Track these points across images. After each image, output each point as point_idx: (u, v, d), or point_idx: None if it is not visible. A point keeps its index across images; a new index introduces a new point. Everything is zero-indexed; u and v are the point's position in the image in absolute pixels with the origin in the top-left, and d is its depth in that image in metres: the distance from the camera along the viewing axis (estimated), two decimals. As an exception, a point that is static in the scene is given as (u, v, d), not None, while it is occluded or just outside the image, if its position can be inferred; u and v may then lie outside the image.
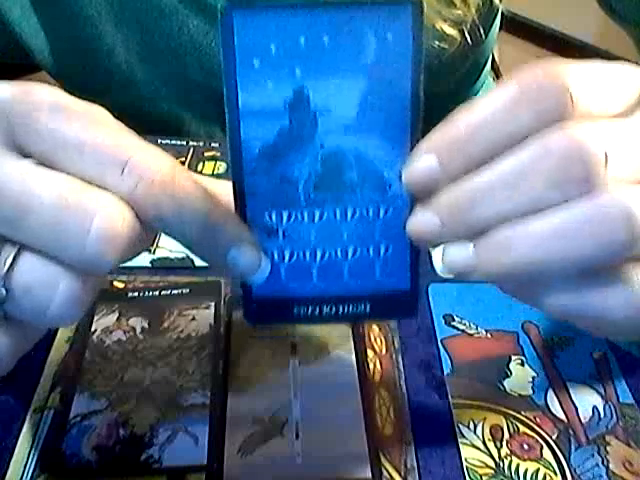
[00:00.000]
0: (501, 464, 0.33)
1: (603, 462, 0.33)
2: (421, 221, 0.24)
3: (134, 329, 0.40)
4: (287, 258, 0.26)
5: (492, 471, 0.33)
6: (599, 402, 0.36)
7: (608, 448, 0.34)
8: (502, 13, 0.62)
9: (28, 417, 0.35)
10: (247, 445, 0.34)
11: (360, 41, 0.23)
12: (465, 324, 0.40)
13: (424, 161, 0.23)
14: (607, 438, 0.34)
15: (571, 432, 0.35)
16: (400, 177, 0.24)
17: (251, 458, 0.33)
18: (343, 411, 0.35)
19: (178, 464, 0.33)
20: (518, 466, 0.33)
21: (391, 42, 0.23)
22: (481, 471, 0.33)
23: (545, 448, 0.34)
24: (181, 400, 0.36)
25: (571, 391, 0.37)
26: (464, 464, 0.33)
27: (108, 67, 0.57)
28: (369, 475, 0.32)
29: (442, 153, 0.23)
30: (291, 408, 0.35)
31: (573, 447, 0.34)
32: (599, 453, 0.34)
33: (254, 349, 0.38)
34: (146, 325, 0.40)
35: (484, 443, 0.34)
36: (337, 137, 0.24)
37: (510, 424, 0.35)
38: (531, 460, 0.33)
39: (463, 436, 0.34)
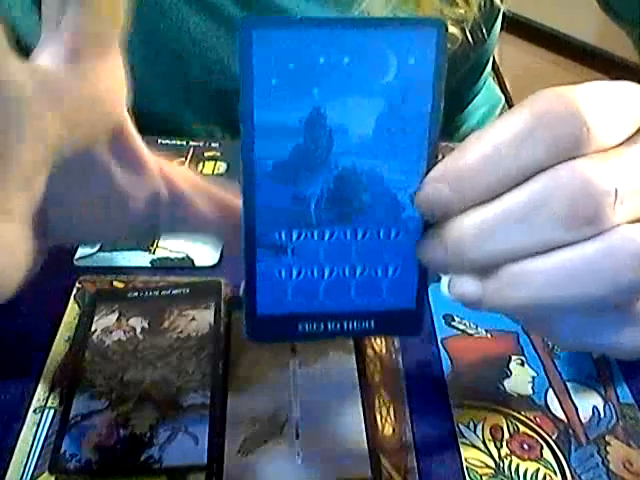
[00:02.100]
0: (501, 464, 0.33)
1: (603, 462, 0.33)
2: (429, 249, 0.24)
3: (134, 329, 0.40)
4: (295, 275, 0.26)
5: (492, 471, 0.33)
6: (599, 402, 0.36)
7: (608, 448, 0.34)
8: (503, 13, 0.62)
9: (28, 417, 0.35)
10: (247, 445, 0.34)
11: (381, 63, 0.23)
12: (465, 324, 0.40)
13: (434, 189, 0.23)
14: (607, 438, 0.34)
15: (571, 432, 0.35)
16: (413, 200, 0.24)
17: (251, 458, 0.33)
18: (343, 411, 0.35)
19: (178, 464, 0.33)
20: (518, 466, 0.33)
21: (413, 66, 0.23)
22: (481, 471, 0.33)
23: (545, 448, 0.34)
24: (181, 400, 0.36)
25: (571, 391, 0.37)
26: (464, 464, 0.33)
27: None
28: (369, 475, 0.32)
29: (452, 182, 0.22)
30: (291, 408, 0.35)
31: (573, 447, 0.34)
32: (599, 453, 0.34)
33: (254, 349, 0.38)
34: (146, 325, 0.40)
35: (484, 443, 0.34)
36: (352, 157, 0.24)
37: (510, 424, 0.35)
38: (531, 460, 0.33)
39: (463, 436, 0.34)
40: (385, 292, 0.27)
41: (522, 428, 0.35)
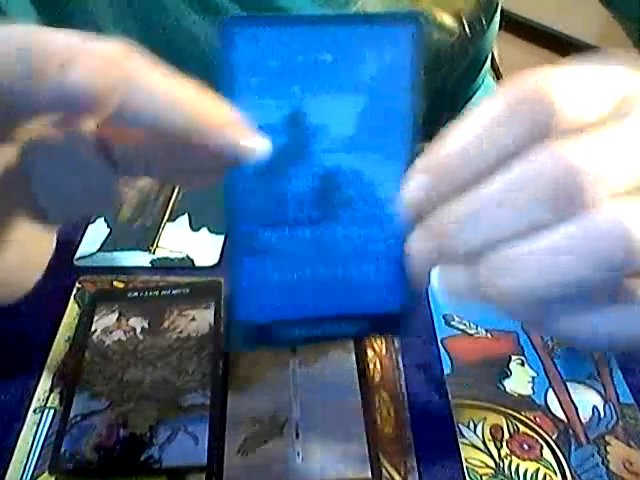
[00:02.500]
0: (501, 464, 0.33)
1: (603, 462, 0.33)
2: (416, 243, 0.24)
3: (134, 329, 0.40)
4: (277, 277, 0.26)
5: (492, 471, 0.33)
6: (599, 402, 0.36)
7: (608, 448, 0.34)
8: (502, 11, 0.62)
9: (28, 417, 0.35)
10: (247, 445, 0.34)
11: (361, 59, 0.23)
12: (465, 324, 0.40)
13: (417, 181, 0.23)
14: (607, 438, 0.34)
15: (571, 432, 0.35)
16: (396, 197, 0.24)
17: (251, 458, 0.33)
18: (343, 411, 0.35)
19: (178, 464, 0.33)
20: (518, 466, 0.33)
21: (391, 61, 0.23)
22: (481, 471, 0.33)
23: (545, 448, 0.34)
24: (181, 400, 0.36)
25: (571, 391, 0.37)
26: (464, 464, 0.33)
27: None
28: (369, 475, 0.32)
29: (433, 173, 0.23)
30: (291, 408, 0.35)
31: (573, 447, 0.34)
32: (599, 453, 0.34)
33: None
34: (146, 325, 0.40)
35: (484, 443, 0.34)
36: (334, 155, 0.24)
37: (510, 424, 0.35)
38: (531, 460, 0.33)
39: (463, 436, 0.34)
40: (371, 292, 0.27)
41: (522, 428, 0.35)
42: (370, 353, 0.39)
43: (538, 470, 0.33)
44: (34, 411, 0.35)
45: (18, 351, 0.38)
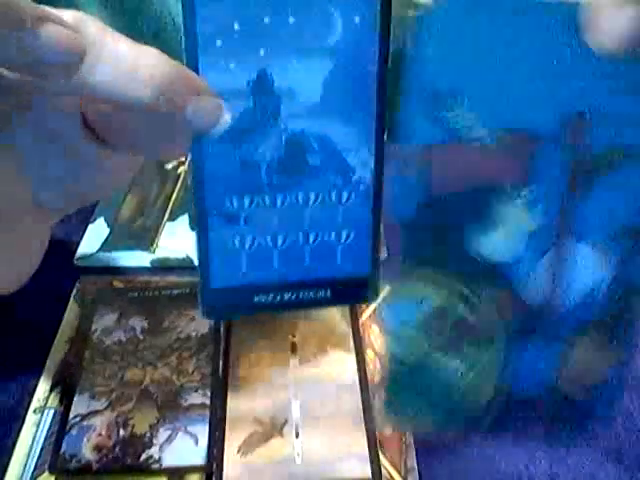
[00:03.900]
0: (426, 360, 0.27)
1: (558, 365, 0.26)
2: None
3: (134, 329, 0.40)
4: (248, 244, 0.26)
5: (414, 364, 0.26)
6: (604, 279, 0.25)
7: (575, 347, 0.26)
8: None
9: (28, 417, 0.35)
10: (247, 445, 0.34)
11: (326, 22, 0.23)
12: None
13: None
14: (582, 334, 0.26)
15: (540, 324, 0.26)
16: (364, 163, 0.24)
17: (251, 458, 0.33)
18: (343, 411, 0.35)
19: (178, 464, 0.33)
20: (448, 362, 0.27)
21: (358, 25, 0.23)
22: (403, 362, 0.27)
23: (493, 343, 0.26)
24: (181, 400, 0.36)
25: (578, 258, 0.24)
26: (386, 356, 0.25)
27: None
28: (369, 475, 0.32)
29: None
30: (291, 408, 0.35)
31: (532, 343, 0.26)
32: (560, 353, 0.26)
33: (254, 349, 0.38)
34: (146, 325, 0.40)
35: (418, 330, 0.26)
36: (301, 120, 0.24)
37: (456, 308, 0.26)
38: (468, 356, 0.26)
39: (394, 320, 0.27)
40: (340, 258, 0.27)
41: (465, 313, 0.26)
42: (370, 353, 0.39)
43: (471, 369, 0.26)
44: (34, 411, 0.35)
45: (18, 351, 0.38)
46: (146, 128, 0.24)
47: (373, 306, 0.41)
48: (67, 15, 0.22)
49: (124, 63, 0.21)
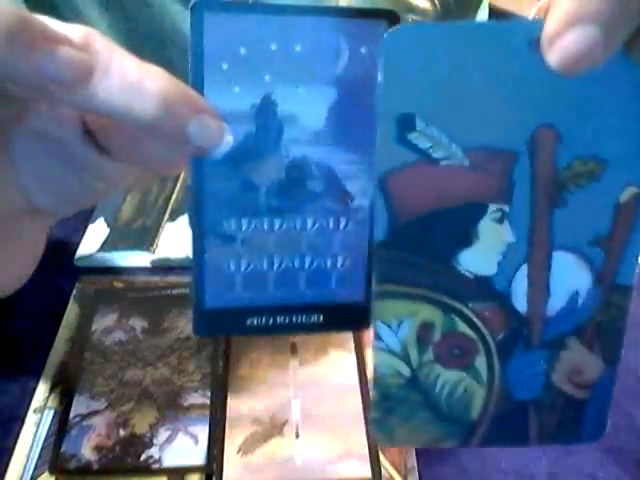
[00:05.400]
0: (419, 374, 0.26)
1: (546, 372, 0.27)
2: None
3: (134, 329, 0.40)
4: (244, 267, 0.26)
5: (403, 381, 0.26)
6: (585, 284, 0.26)
7: (562, 353, 0.26)
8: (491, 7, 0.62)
9: (28, 417, 0.35)
10: (247, 445, 0.34)
11: (333, 51, 0.23)
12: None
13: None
14: (567, 340, 0.26)
15: (524, 332, 0.26)
16: (363, 190, 0.24)
17: (251, 458, 0.33)
18: (343, 411, 0.35)
19: (178, 464, 0.33)
20: (438, 377, 0.26)
21: (364, 55, 0.23)
22: (391, 381, 0.26)
23: (481, 354, 0.26)
24: (181, 400, 0.36)
25: (554, 266, 0.25)
26: (375, 374, 0.26)
27: None
28: (369, 475, 0.32)
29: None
30: (291, 408, 0.35)
31: (518, 352, 0.26)
32: (547, 360, 0.26)
33: (254, 349, 0.38)
34: (146, 325, 0.40)
35: (404, 347, 0.26)
36: (302, 147, 0.24)
37: (446, 321, 0.26)
38: (456, 369, 0.26)
39: (380, 339, 0.26)
40: (335, 284, 0.27)
41: (460, 326, 0.26)
42: (370, 353, 0.39)
43: (460, 382, 0.26)
44: (34, 411, 0.35)
45: (18, 351, 0.38)
46: (146, 141, 0.25)
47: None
48: (76, 32, 0.22)
49: (130, 81, 0.21)
